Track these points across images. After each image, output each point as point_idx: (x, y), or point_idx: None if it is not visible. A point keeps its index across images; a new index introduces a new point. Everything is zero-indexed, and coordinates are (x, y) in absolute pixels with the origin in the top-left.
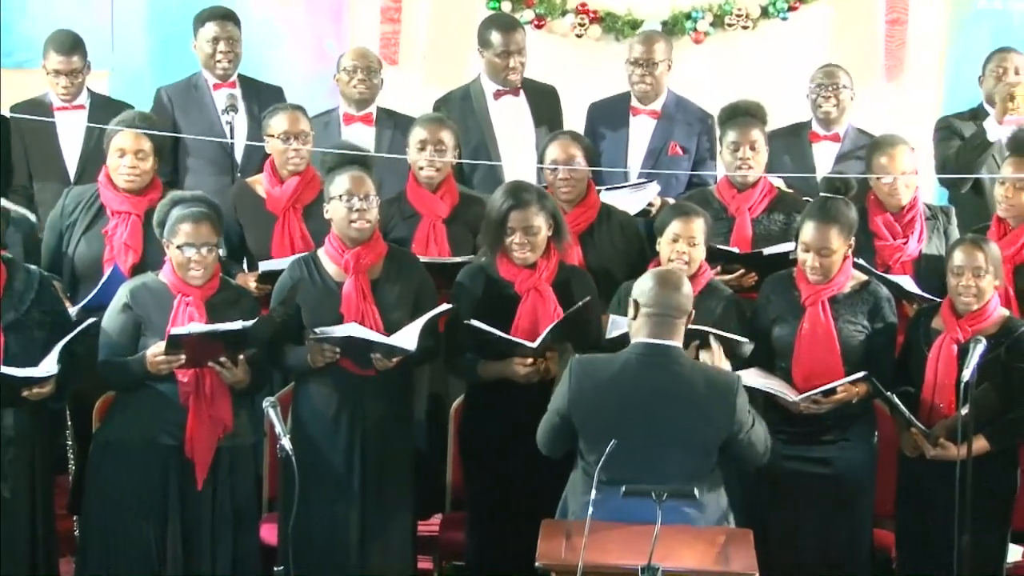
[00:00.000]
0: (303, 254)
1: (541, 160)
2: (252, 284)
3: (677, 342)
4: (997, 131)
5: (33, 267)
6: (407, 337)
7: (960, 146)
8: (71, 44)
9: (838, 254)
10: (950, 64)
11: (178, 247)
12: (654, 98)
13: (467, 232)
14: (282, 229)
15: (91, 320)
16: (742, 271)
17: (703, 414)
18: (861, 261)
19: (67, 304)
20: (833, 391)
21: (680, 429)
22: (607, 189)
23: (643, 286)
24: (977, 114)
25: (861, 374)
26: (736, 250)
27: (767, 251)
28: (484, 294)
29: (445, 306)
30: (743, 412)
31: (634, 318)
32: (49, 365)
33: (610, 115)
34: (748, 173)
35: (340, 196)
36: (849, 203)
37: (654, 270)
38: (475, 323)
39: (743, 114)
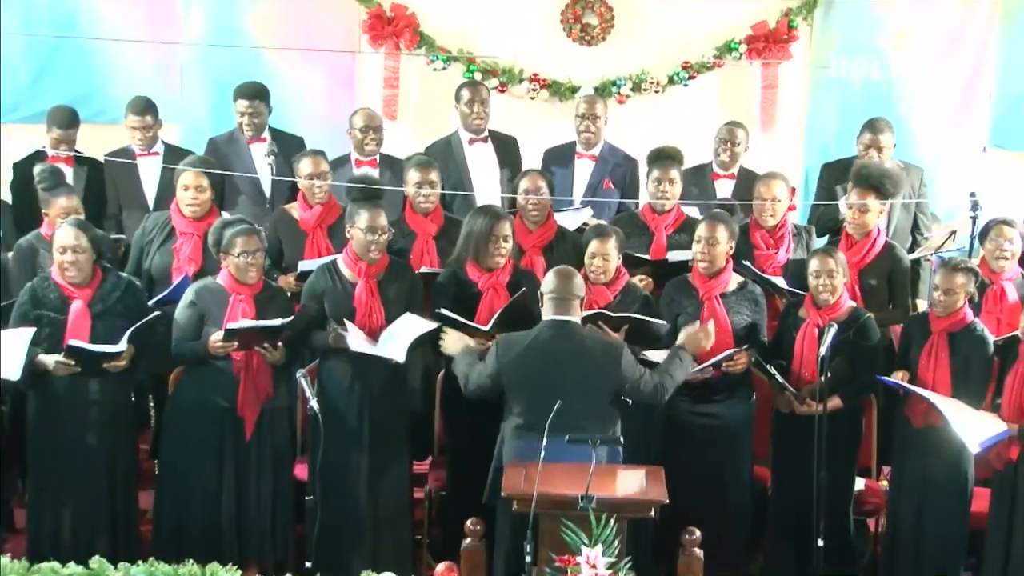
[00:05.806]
0: (327, 260)
1: (515, 190)
2: (292, 281)
3: (575, 318)
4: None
5: (124, 273)
6: (398, 350)
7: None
8: (143, 106)
9: (721, 246)
10: (809, 119)
11: (238, 255)
12: (594, 145)
13: (450, 246)
14: (311, 243)
15: (156, 313)
16: (643, 278)
17: (598, 370)
18: (747, 264)
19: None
20: (720, 362)
21: (583, 383)
22: (555, 212)
23: (546, 280)
24: (851, 165)
25: (744, 347)
26: (648, 257)
27: (671, 258)
28: (456, 291)
29: (433, 325)
30: (628, 368)
31: (542, 305)
32: (121, 344)
33: (560, 158)
34: (666, 203)
35: (363, 230)
36: (732, 217)
37: (554, 268)
38: (444, 311)
39: (666, 157)
